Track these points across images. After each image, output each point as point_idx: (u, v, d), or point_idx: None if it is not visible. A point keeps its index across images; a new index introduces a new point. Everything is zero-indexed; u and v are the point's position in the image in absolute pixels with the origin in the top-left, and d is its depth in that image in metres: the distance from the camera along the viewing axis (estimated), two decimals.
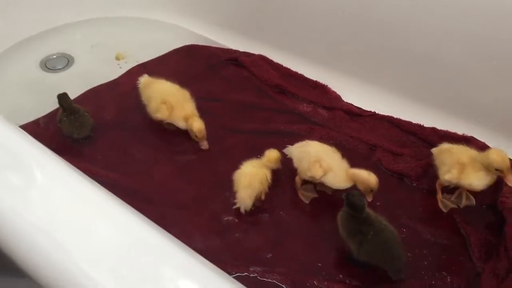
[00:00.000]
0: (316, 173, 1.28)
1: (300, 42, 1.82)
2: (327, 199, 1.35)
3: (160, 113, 1.48)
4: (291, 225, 1.29)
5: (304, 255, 1.21)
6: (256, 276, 1.16)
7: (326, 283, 1.15)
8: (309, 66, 1.80)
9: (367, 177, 1.24)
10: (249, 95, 1.71)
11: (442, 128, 1.54)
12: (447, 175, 1.28)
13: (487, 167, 1.23)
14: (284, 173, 1.41)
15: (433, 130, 1.55)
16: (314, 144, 1.36)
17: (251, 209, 1.28)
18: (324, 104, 1.67)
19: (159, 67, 1.83)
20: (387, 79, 1.68)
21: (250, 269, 1.17)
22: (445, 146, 1.37)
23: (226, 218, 1.30)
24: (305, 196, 1.36)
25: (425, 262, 1.21)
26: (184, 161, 1.46)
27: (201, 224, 1.28)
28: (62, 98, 1.47)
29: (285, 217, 1.31)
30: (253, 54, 1.85)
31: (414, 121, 1.59)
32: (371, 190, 1.24)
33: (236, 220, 1.29)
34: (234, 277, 1.16)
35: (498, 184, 1.35)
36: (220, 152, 1.49)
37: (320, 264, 1.20)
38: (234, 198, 1.31)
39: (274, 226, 1.28)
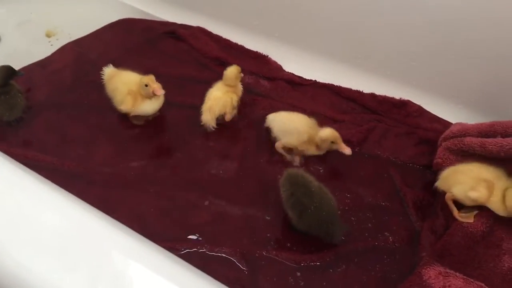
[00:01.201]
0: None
1: (240, 12, 1.80)
2: (273, 169, 1.36)
3: (124, 104, 1.40)
4: (237, 198, 1.29)
5: (251, 226, 1.22)
6: (205, 251, 1.16)
7: (274, 252, 1.16)
8: (250, 37, 1.79)
9: (321, 134, 1.34)
10: (189, 69, 1.68)
11: (381, 94, 1.58)
12: (472, 193, 1.17)
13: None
14: (227, 145, 1.42)
15: (372, 95, 1.59)
16: (298, 118, 1.41)
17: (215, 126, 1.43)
18: (266, 74, 1.67)
19: (94, 43, 1.76)
20: (326, 47, 1.69)
21: (199, 244, 1.16)
22: (452, 168, 1.27)
23: (172, 195, 1.28)
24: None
25: (369, 224, 1.25)
26: (125, 140, 1.43)
27: (147, 203, 1.26)
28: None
29: (232, 190, 1.31)
30: (192, 27, 1.81)
31: (353, 88, 1.62)
32: (333, 142, 1.33)
33: (183, 196, 1.28)
34: (183, 253, 1.16)
35: (433, 145, 1.41)
36: (161, 127, 1.46)
37: (268, 235, 1.21)
38: (178, 173, 1.32)
39: (221, 200, 1.28)
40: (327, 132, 1.34)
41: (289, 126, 1.38)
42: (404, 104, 1.55)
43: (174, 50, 1.75)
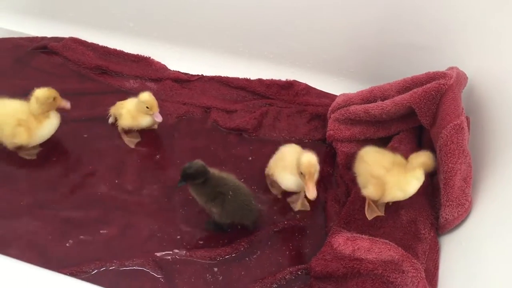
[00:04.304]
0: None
1: (112, 16, 1.72)
2: (173, 172, 1.33)
3: (17, 137, 1.25)
4: (138, 206, 1.25)
5: (159, 231, 1.19)
6: (115, 267, 1.11)
7: (188, 253, 1.14)
8: (128, 41, 1.72)
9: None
10: (68, 82, 1.58)
11: (267, 78, 1.61)
12: (365, 190, 1.17)
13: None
14: (122, 157, 1.37)
15: (260, 81, 1.61)
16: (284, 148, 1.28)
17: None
18: (151, 76, 1.63)
19: None
20: (208, 40, 1.69)
21: (108, 261, 1.11)
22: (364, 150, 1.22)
23: (69, 216, 1.21)
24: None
25: (275, 208, 1.27)
26: (16, 178, 1.30)
27: (46, 231, 1.17)
28: None
29: (133, 200, 1.26)
30: (63, 38, 1.71)
31: (241, 76, 1.63)
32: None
33: (82, 215, 1.21)
34: (93, 274, 1.10)
35: (323, 119, 1.47)
36: (48, 147, 1.37)
37: (178, 237, 1.19)
38: (74, 193, 1.26)
39: (124, 212, 1.23)
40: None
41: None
42: (291, 85, 1.59)
43: (49, 66, 1.64)
